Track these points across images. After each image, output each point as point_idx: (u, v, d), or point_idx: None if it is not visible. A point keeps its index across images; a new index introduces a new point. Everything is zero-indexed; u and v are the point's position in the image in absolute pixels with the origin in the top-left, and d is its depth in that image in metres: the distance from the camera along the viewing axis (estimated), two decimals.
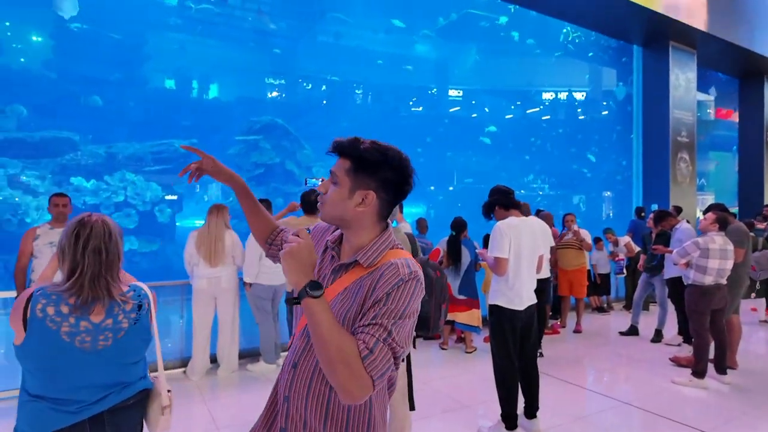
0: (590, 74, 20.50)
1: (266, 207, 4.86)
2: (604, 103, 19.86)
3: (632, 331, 6.23)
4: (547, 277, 5.20)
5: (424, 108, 21.41)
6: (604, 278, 7.60)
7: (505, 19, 20.06)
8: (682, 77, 10.06)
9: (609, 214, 18.71)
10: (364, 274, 1.17)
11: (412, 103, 21.24)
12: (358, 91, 19.73)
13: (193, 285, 4.59)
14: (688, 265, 4.48)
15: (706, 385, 4.35)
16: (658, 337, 5.97)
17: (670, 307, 5.97)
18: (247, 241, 4.71)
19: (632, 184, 10.96)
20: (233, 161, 14.32)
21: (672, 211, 6.52)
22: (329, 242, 1.30)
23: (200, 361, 4.56)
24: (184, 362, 4.76)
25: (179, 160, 13.02)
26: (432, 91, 21.63)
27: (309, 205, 4.10)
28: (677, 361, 4.99)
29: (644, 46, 10.46)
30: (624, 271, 7.54)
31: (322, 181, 1.28)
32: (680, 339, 5.82)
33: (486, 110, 21.46)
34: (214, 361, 4.77)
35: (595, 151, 19.71)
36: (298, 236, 1.12)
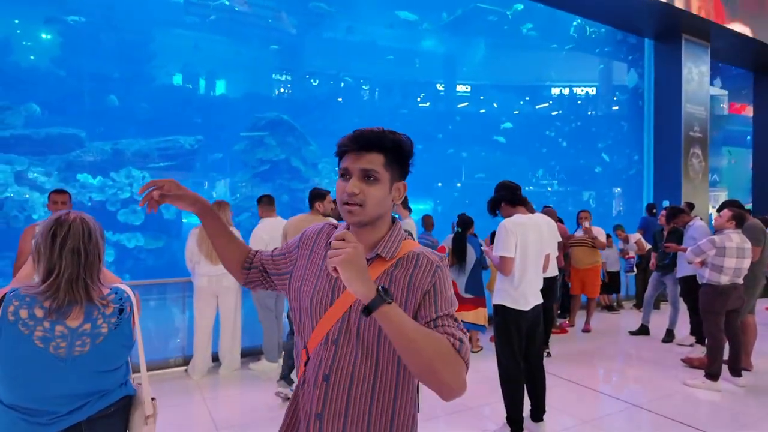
0: (601, 69, 20.22)
1: (268, 203, 4.78)
2: (615, 97, 19.58)
3: (643, 330, 6.09)
4: (554, 275, 5.08)
5: (432, 104, 21.27)
6: (613, 276, 7.44)
7: (514, 13, 19.82)
8: (695, 71, 9.84)
9: (619, 211, 18.49)
10: (389, 267, 1.13)
11: (419, 99, 21.10)
12: (364, 87, 19.63)
13: (194, 283, 4.54)
14: (704, 263, 4.34)
15: (719, 387, 4.21)
16: (669, 337, 5.82)
17: (682, 307, 5.83)
18: (250, 238, 4.64)
19: (643, 180, 10.77)
20: (239, 157, 14.31)
21: (685, 208, 6.36)
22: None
23: (201, 359, 4.50)
24: (186, 360, 4.71)
25: (185, 157, 13.03)
26: (440, 87, 21.46)
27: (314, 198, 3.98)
28: (690, 362, 4.85)
29: (656, 40, 10.24)
30: (634, 269, 7.39)
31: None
32: (692, 339, 5.68)
33: (495, 105, 21.26)
34: (216, 359, 4.72)
35: (606, 147, 19.45)
36: (344, 239, 0.98)
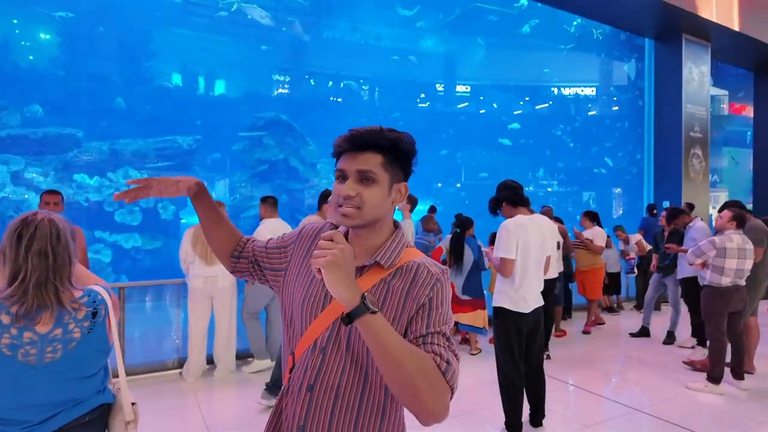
0: (600, 68, 20.17)
1: (273, 204, 4.73)
2: (615, 98, 19.54)
3: (643, 332, 6.03)
4: (553, 277, 5.02)
5: (431, 104, 21.21)
6: (614, 277, 7.39)
7: (514, 12, 19.77)
8: (696, 71, 9.79)
9: (619, 212, 18.43)
10: (386, 276, 1.06)
11: (419, 100, 21.03)
12: (364, 87, 19.57)
13: (188, 284, 4.47)
14: (705, 265, 4.28)
15: (722, 390, 4.15)
16: (670, 339, 5.76)
17: (683, 308, 5.77)
18: (253, 236, 4.57)
19: (643, 181, 10.72)
20: (237, 157, 14.24)
21: (685, 209, 6.30)
22: None
23: (196, 362, 4.44)
24: (181, 363, 4.64)
25: (183, 157, 12.97)
26: (439, 87, 21.40)
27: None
28: (692, 365, 4.79)
29: (656, 39, 10.18)
30: (635, 271, 7.33)
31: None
32: (694, 341, 5.61)
33: (494, 106, 21.20)
34: (211, 362, 4.65)
35: (605, 147, 19.39)
36: (332, 240, 0.93)
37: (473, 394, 4.13)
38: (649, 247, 7.10)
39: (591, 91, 21.16)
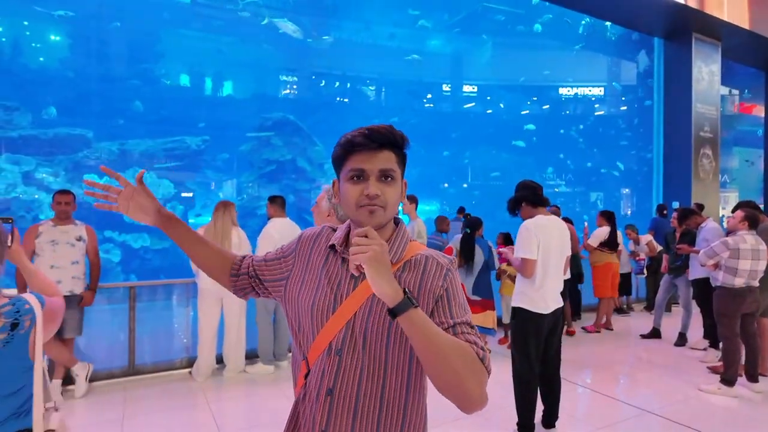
0: (609, 68, 20.06)
1: (281, 204, 4.77)
2: (623, 97, 19.42)
3: (654, 333, 5.98)
4: (566, 278, 4.99)
5: (438, 104, 21.18)
6: (624, 278, 7.33)
7: (522, 12, 19.69)
8: (706, 70, 9.69)
9: (627, 212, 18.31)
10: (396, 270, 1.07)
11: (426, 100, 21.01)
12: (371, 88, 19.58)
13: (198, 284, 4.49)
14: (717, 266, 4.23)
15: (736, 393, 4.10)
16: (681, 340, 5.71)
17: (695, 310, 5.71)
18: (259, 238, 4.60)
19: (652, 181, 10.63)
20: (245, 158, 14.31)
21: (695, 209, 6.24)
22: (337, 245, 1.11)
23: (205, 361, 4.45)
24: (191, 362, 4.66)
25: (192, 157, 13.06)
26: (446, 87, 21.37)
27: None
28: (715, 371, 4.67)
29: (666, 38, 10.09)
30: (645, 272, 7.26)
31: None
32: (706, 343, 5.55)
33: (501, 106, 21.14)
34: (221, 361, 4.67)
35: (614, 147, 19.28)
36: (366, 236, 0.92)
37: None
38: (660, 248, 7.04)
39: (599, 91, 21.05)
